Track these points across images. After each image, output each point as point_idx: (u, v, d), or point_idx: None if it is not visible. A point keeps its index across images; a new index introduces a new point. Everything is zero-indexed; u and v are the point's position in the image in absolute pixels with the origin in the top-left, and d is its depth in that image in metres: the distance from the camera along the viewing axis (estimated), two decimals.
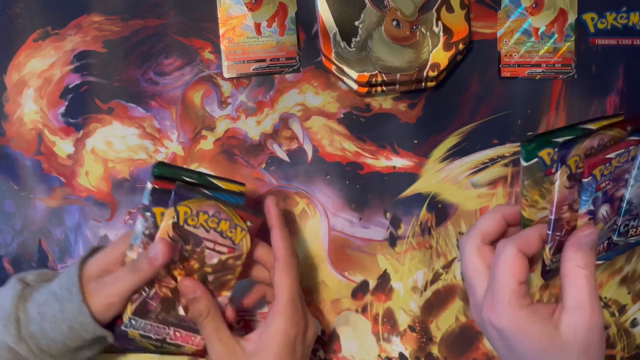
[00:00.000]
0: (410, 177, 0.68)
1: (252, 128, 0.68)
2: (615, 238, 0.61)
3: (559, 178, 0.48)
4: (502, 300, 0.49)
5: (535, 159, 0.63)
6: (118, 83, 0.67)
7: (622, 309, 0.67)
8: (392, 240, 0.67)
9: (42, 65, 0.67)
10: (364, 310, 0.68)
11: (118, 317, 0.58)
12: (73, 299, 0.56)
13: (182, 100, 0.68)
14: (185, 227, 0.56)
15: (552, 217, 0.49)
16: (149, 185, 0.57)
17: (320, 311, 0.68)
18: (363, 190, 0.68)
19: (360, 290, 0.68)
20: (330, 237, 0.68)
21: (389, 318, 0.68)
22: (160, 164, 0.57)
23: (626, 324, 0.67)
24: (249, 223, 0.57)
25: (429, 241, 0.67)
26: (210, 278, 0.57)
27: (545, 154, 0.63)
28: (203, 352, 0.60)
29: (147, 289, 0.58)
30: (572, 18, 0.66)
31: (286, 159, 0.68)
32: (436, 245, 0.67)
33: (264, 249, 0.60)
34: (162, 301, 0.58)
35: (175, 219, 0.55)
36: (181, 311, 0.58)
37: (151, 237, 0.57)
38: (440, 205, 0.67)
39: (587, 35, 0.67)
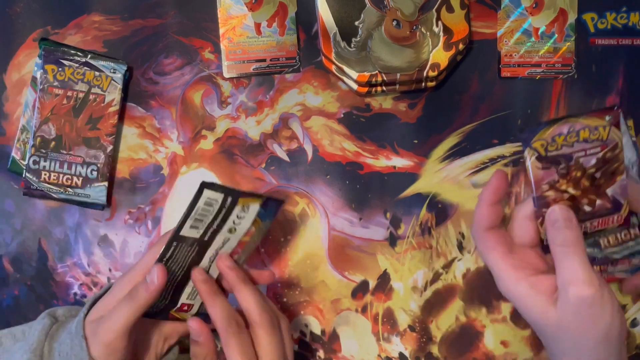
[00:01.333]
0: (410, 177, 0.68)
1: (252, 128, 0.68)
2: None
3: (528, 158, 0.51)
4: (499, 279, 0.51)
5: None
6: None
7: (622, 309, 0.67)
8: (392, 240, 0.67)
9: None
10: (364, 310, 0.68)
11: None
12: (77, 336, 0.54)
13: (182, 100, 0.68)
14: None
15: (534, 195, 0.52)
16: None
17: (320, 311, 0.68)
18: (363, 190, 0.67)
19: (360, 290, 0.68)
20: (330, 237, 0.68)
21: (389, 318, 0.68)
22: (44, 40, 0.66)
23: (626, 324, 0.67)
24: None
25: (429, 241, 0.67)
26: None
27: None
28: None
29: None
30: (572, 18, 0.66)
31: (286, 158, 0.68)
32: (436, 245, 0.67)
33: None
34: None
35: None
36: None
37: (44, 90, 0.63)
38: (440, 205, 0.67)
39: (587, 35, 0.67)
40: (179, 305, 0.59)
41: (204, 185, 0.53)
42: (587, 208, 0.53)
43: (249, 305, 0.54)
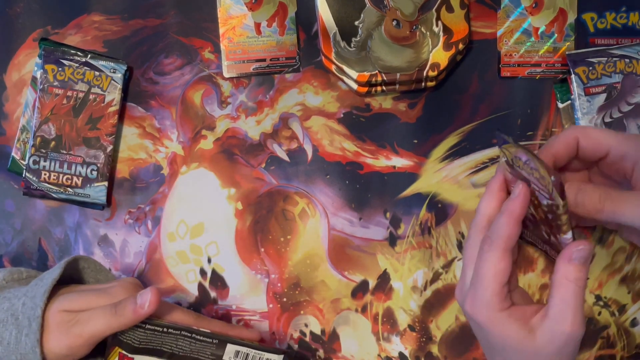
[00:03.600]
0: (410, 176, 0.68)
1: (252, 128, 0.68)
2: None
3: (501, 156, 0.49)
4: (483, 300, 0.49)
5: (569, 101, 0.65)
6: None
7: (622, 309, 0.67)
8: (392, 240, 0.67)
9: None
10: (363, 309, 0.68)
11: None
12: (30, 336, 0.51)
13: (182, 100, 0.68)
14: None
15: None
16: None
17: (320, 311, 0.68)
18: (363, 190, 0.68)
19: (360, 289, 0.68)
20: (330, 237, 0.68)
21: (389, 318, 0.68)
22: (44, 40, 0.66)
23: (626, 323, 0.67)
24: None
25: (428, 241, 0.67)
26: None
27: None
28: None
29: None
30: (571, 18, 0.67)
31: (286, 158, 0.68)
32: (436, 244, 0.67)
33: None
34: None
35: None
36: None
37: (44, 90, 0.64)
38: (440, 205, 0.67)
39: (587, 35, 0.67)
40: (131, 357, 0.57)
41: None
42: (545, 235, 0.52)
43: None
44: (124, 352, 0.55)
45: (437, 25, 0.64)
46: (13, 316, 0.52)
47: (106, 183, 0.66)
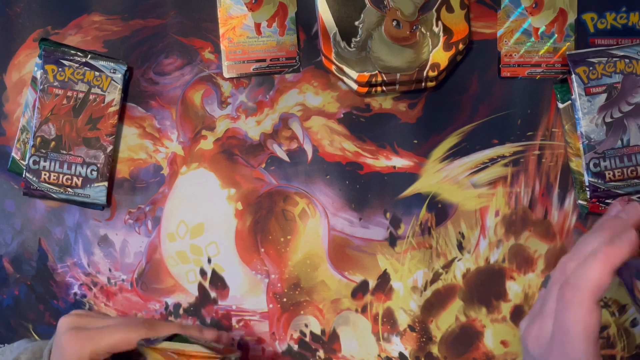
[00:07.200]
0: (410, 177, 0.68)
1: (252, 128, 0.68)
2: (589, 179, 0.63)
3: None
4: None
5: (569, 102, 0.66)
6: None
7: (622, 309, 0.67)
8: (392, 240, 0.68)
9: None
10: (363, 310, 0.68)
11: None
12: None
13: (182, 100, 0.68)
14: None
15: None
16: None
17: (320, 311, 0.68)
18: (363, 190, 0.68)
19: (360, 290, 0.68)
20: (330, 237, 0.68)
21: (389, 318, 0.68)
22: (44, 40, 0.66)
23: (626, 323, 0.67)
24: None
25: (428, 241, 0.67)
26: None
27: None
28: None
29: None
30: (571, 18, 0.67)
31: (286, 158, 0.68)
32: (436, 245, 0.67)
33: None
34: None
35: None
36: None
37: (44, 91, 0.64)
38: (440, 205, 0.67)
39: (587, 35, 0.67)
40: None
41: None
42: None
43: None
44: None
45: (437, 26, 0.64)
46: None
47: (106, 183, 0.66)
